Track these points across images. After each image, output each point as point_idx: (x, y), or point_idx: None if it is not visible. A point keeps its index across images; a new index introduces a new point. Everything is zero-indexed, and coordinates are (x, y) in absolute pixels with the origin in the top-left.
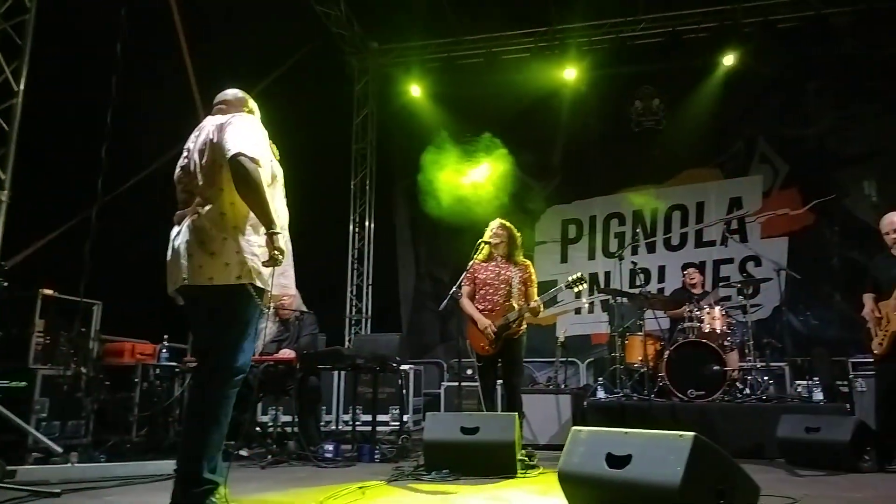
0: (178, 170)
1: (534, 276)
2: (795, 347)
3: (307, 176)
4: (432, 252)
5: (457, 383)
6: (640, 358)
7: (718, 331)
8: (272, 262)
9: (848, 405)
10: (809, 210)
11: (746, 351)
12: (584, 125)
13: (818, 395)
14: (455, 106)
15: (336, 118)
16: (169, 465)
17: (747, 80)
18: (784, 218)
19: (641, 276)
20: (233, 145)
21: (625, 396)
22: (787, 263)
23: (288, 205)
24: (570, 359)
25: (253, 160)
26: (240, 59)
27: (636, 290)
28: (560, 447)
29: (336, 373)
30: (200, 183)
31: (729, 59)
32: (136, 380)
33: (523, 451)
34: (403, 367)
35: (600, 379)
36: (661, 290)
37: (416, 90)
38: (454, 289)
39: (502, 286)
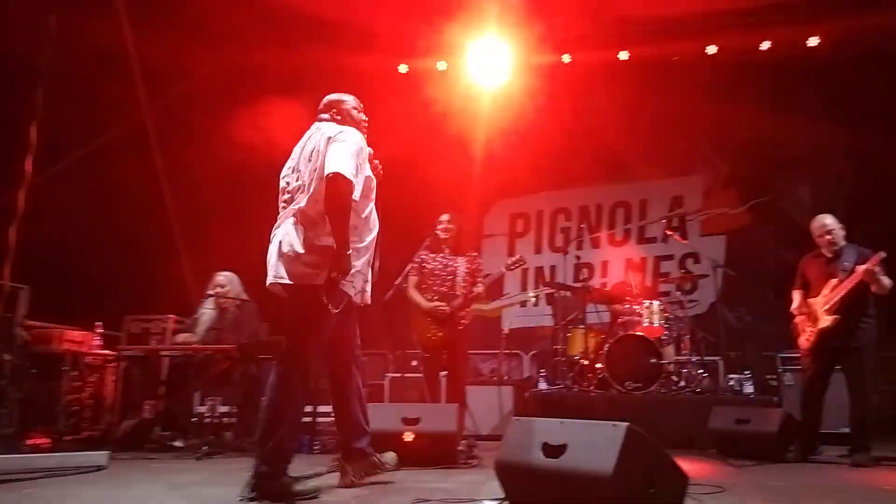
0: (285, 170)
1: (481, 268)
2: (729, 342)
3: (255, 162)
4: (379, 242)
5: (401, 374)
6: (581, 350)
7: (656, 325)
8: (333, 279)
9: (776, 398)
10: (747, 210)
11: (682, 345)
12: (534, 120)
13: (749, 389)
14: None
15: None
16: (97, 458)
17: (689, 81)
18: (723, 217)
19: (586, 270)
20: (335, 164)
21: (565, 388)
22: (725, 261)
23: (236, 188)
24: (514, 351)
25: (349, 182)
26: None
27: (579, 284)
28: (501, 438)
29: None
30: (303, 191)
31: (672, 60)
32: (66, 368)
33: (464, 442)
34: None
35: (542, 371)
36: (604, 285)
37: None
38: (399, 279)
39: (449, 278)
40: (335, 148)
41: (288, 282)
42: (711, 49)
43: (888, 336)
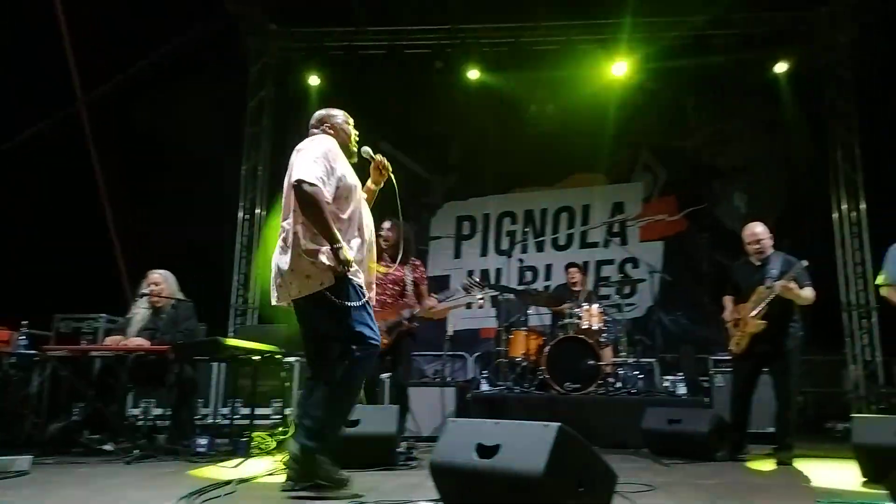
0: None
1: (425, 275)
2: (666, 345)
3: (196, 157)
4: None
5: None
6: (523, 352)
7: (595, 328)
8: (337, 274)
9: (707, 399)
10: (684, 217)
11: (620, 347)
12: (482, 124)
13: (682, 390)
14: (354, 98)
15: (230, 101)
16: (19, 462)
17: (634, 91)
18: (661, 223)
19: (530, 273)
20: (295, 172)
21: (507, 389)
22: (662, 266)
23: (174, 185)
24: (458, 352)
25: (312, 185)
26: (125, 35)
27: (521, 287)
28: None
29: (216, 364)
30: (284, 204)
31: (618, 70)
32: None
33: (405, 443)
34: (289, 359)
35: (484, 372)
36: (547, 288)
37: (314, 79)
38: None
39: (390, 286)
40: (297, 157)
41: (292, 298)
42: (650, 59)
43: (814, 342)
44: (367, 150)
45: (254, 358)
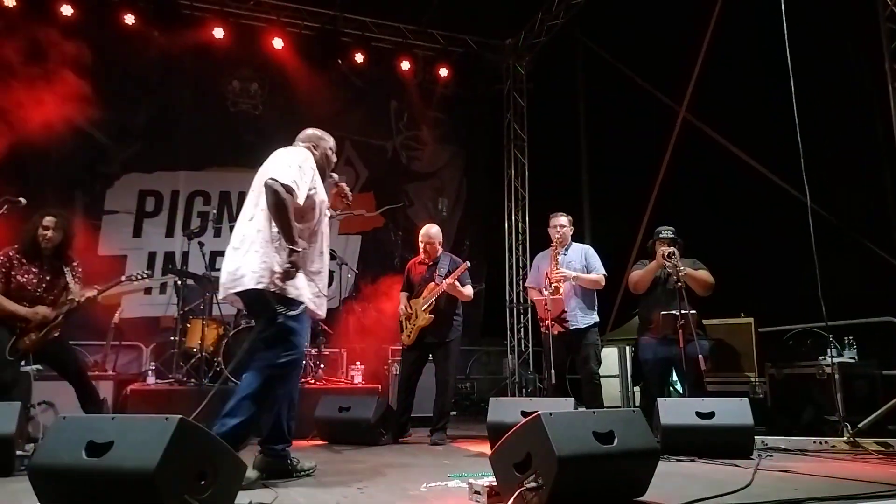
0: None
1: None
2: (357, 336)
3: None
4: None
5: None
6: (199, 342)
7: None
8: (284, 274)
9: (380, 387)
10: (381, 214)
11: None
12: (178, 92)
13: (359, 379)
14: (18, 38)
15: None
16: None
17: (343, 85)
18: (360, 218)
19: (221, 260)
20: (269, 171)
21: (178, 382)
22: (359, 259)
23: None
24: (132, 342)
25: (284, 186)
26: None
27: (202, 273)
28: None
29: None
30: (251, 202)
31: (329, 63)
32: None
33: (31, 445)
34: None
35: (152, 364)
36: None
37: None
38: None
39: (48, 291)
40: (272, 160)
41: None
42: (359, 58)
43: (486, 333)
44: (335, 176)
45: None
